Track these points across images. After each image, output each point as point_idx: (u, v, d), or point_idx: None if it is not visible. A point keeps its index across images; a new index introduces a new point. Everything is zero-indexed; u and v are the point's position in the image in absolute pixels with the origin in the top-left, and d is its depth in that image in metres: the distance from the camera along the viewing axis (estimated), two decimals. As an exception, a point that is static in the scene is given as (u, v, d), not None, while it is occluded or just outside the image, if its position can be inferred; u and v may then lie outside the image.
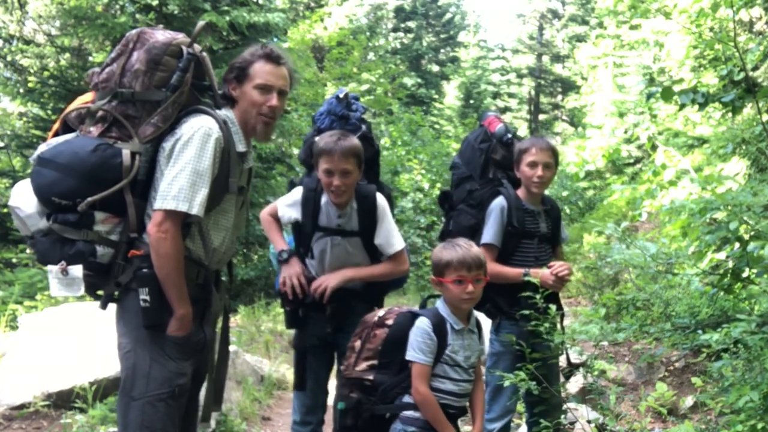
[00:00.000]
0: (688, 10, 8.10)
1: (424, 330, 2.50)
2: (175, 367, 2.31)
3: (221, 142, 2.32)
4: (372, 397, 2.55)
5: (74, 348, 4.43)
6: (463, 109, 26.57)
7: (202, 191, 2.25)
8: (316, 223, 2.95)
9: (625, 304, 5.55)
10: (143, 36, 2.37)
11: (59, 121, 2.44)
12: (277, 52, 2.45)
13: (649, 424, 4.01)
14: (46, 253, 2.27)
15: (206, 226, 2.38)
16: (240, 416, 4.60)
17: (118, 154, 2.25)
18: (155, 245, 2.22)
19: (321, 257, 2.96)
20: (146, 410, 2.25)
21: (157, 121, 2.29)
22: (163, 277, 2.24)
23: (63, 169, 2.22)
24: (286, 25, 11.11)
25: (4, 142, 10.86)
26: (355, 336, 2.68)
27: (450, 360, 2.52)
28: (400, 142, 15.36)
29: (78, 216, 2.22)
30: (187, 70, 2.32)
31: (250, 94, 2.41)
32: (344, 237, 2.95)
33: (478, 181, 3.34)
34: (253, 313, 8.02)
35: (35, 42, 11.95)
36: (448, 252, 2.54)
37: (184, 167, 2.24)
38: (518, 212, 3.19)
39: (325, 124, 3.11)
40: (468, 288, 2.50)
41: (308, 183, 3.01)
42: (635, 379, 4.78)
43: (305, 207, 2.96)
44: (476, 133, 3.46)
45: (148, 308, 2.24)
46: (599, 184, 14.84)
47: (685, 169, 8.92)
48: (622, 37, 16.39)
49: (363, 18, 23.98)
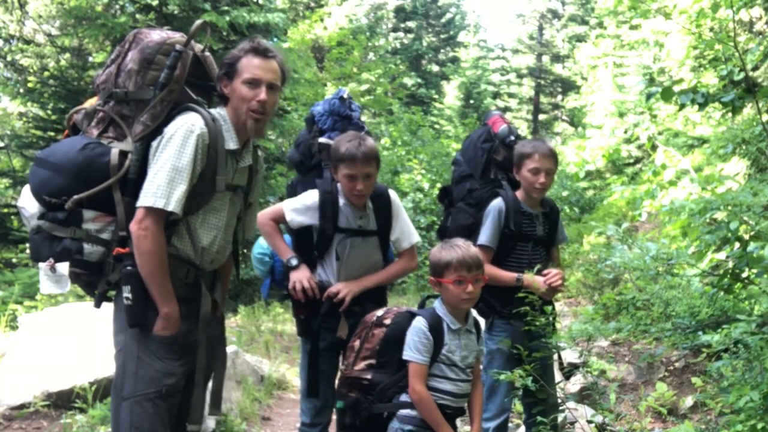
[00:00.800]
0: (688, 11, 8.10)
1: (420, 330, 2.50)
2: (163, 367, 2.29)
3: (205, 139, 2.29)
4: (370, 397, 2.56)
5: (74, 348, 4.43)
6: (463, 109, 26.56)
7: (179, 188, 2.23)
8: (336, 225, 2.94)
9: (625, 304, 5.55)
10: (139, 36, 2.39)
11: (68, 123, 2.47)
12: (265, 45, 2.40)
13: (649, 424, 4.00)
14: (37, 251, 2.29)
15: (194, 225, 2.36)
16: (240, 416, 4.60)
17: (105, 153, 2.26)
18: (136, 243, 2.21)
19: (344, 258, 2.96)
20: (134, 410, 2.25)
21: (145, 119, 2.30)
22: (146, 274, 2.23)
23: (53, 168, 2.25)
24: (286, 25, 11.12)
25: (4, 142, 10.87)
26: (355, 336, 2.69)
27: (447, 360, 2.53)
28: (400, 142, 15.36)
29: (66, 214, 2.23)
30: (174, 67, 2.31)
31: (239, 89, 2.37)
32: (364, 237, 2.97)
33: (478, 181, 3.34)
34: (253, 313, 8.02)
35: (35, 42, 11.96)
36: (447, 252, 2.55)
37: (164, 164, 2.23)
38: (516, 215, 3.18)
39: (327, 125, 3.11)
40: (468, 288, 2.50)
41: (323, 186, 2.98)
42: (635, 379, 4.78)
43: (324, 210, 2.93)
44: (480, 132, 3.44)
45: (131, 306, 2.24)
46: (599, 184, 14.83)
47: (685, 169, 8.92)
48: (622, 37, 16.38)
49: (363, 18, 23.96)
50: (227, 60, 2.41)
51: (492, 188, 3.29)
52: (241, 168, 2.49)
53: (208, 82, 2.48)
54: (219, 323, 2.62)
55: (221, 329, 2.64)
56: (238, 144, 2.43)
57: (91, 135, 2.34)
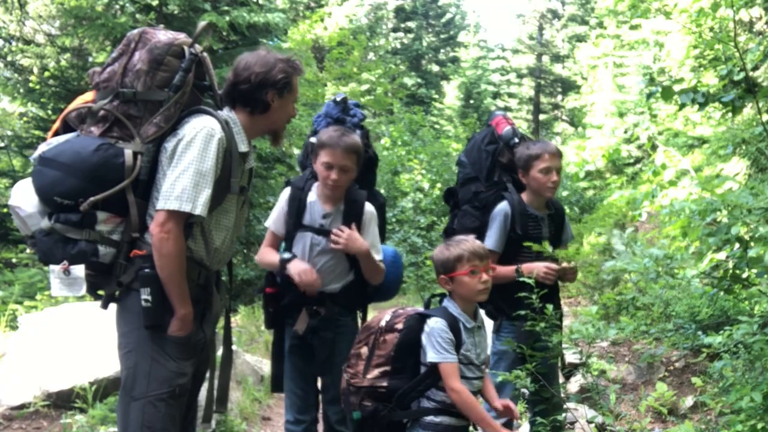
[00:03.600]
0: (688, 10, 8.09)
1: (442, 329, 2.45)
2: (176, 367, 2.31)
3: (224, 143, 2.32)
4: (388, 404, 2.51)
5: (74, 348, 4.43)
6: (463, 109, 26.57)
7: (205, 192, 2.26)
8: (299, 221, 2.95)
9: (625, 304, 5.55)
10: (145, 36, 2.37)
11: (59, 121, 2.43)
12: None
13: (649, 424, 4.00)
14: (48, 253, 2.26)
15: (208, 226, 2.39)
16: (240, 416, 4.60)
17: (120, 154, 2.25)
18: (158, 245, 2.22)
19: (302, 255, 2.94)
20: (147, 410, 2.26)
21: (159, 121, 2.30)
22: (165, 277, 2.24)
23: (65, 169, 2.22)
24: (286, 25, 11.12)
25: (4, 142, 10.86)
26: (359, 343, 2.63)
27: (465, 359, 2.50)
28: (400, 142, 15.36)
29: (80, 216, 2.22)
30: (189, 70, 2.33)
31: (290, 107, 2.53)
32: (325, 237, 2.93)
33: (483, 183, 3.33)
34: (253, 313, 8.01)
35: (35, 42, 11.95)
36: (455, 247, 2.53)
37: (187, 167, 2.24)
38: (522, 218, 3.19)
39: (321, 126, 3.13)
40: (483, 277, 2.49)
41: (296, 182, 3.03)
42: (635, 379, 4.78)
43: (291, 205, 2.96)
44: (483, 134, 3.42)
45: (150, 308, 2.25)
46: (599, 184, 14.83)
47: (685, 169, 8.93)
48: (622, 37, 16.38)
49: (363, 18, 23.99)
50: (282, 76, 2.45)
51: (497, 191, 3.28)
52: (246, 169, 2.53)
53: (204, 83, 2.48)
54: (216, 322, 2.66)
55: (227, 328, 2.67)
56: (247, 146, 2.48)
57: (91, 134, 2.30)
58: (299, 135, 11.39)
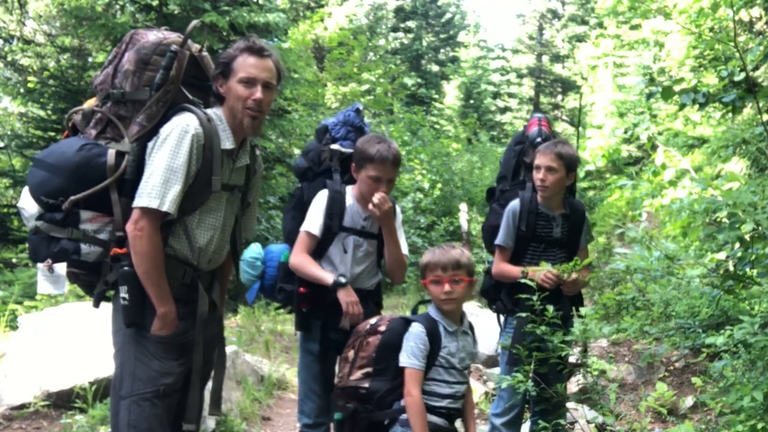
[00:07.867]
0: (688, 10, 8.10)
1: (418, 335, 2.51)
2: (160, 367, 2.30)
3: (200, 139, 2.29)
4: (368, 405, 2.55)
5: (74, 348, 4.43)
6: (463, 109, 26.58)
7: (174, 188, 2.24)
8: (341, 224, 2.98)
9: (625, 304, 5.54)
10: (135, 37, 2.40)
11: (67, 124, 2.48)
12: (260, 44, 2.40)
13: (649, 424, 4.00)
14: (35, 251, 2.30)
15: (191, 225, 2.37)
16: (240, 416, 4.59)
17: (102, 154, 2.27)
18: (132, 243, 2.22)
19: (341, 257, 2.98)
20: (132, 409, 2.26)
21: (141, 120, 2.31)
22: (142, 274, 2.23)
23: (51, 169, 2.26)
24: (287, 25, 11.11)
25: (4, 142, 10.84)
26: (348, 346, 2.68)
27: (445, 362, 2.53)
28: (401, 142, 15.35)
29: (63, 214, 2.24)
30: (169, 68, 2.32)
31: (235, 88, 2.36)
32: (365, 239, 3.00)
33: (509, 182, 3.47)
34: (253, 313, 8.00)
35: (35, 42, 11.96)
36: (428, 254, 2.63)
37: (159, 165, 2.24)
38: (530, 216, 3.24)
39: (340, 134, 3.16)
40: (445, 288, 2.53)
41: (333, 186, 3.03)
42: (635, 379, 4.78)
43: (332, 209, 2.96)
44: (518, 135, 3.60)
45: (128, 306, 2.25)
46: (599, 184, 14.83)
47: (685, 169, 8.91)
48: (622, 37, 16.39)
49: (363, 18, 23.98)
50: (222, 59, 2.40)
51: (517, 189, 3.37)
52: (237, 168, 2.49)
53: (206, 82, 2.48)
54: (219, 322, 2.63)
55: (221, 328, 2.64)
56: (234, 143, 2.43)
57: (90, 136, 2.36)
58: (299, 135, 11.38)
